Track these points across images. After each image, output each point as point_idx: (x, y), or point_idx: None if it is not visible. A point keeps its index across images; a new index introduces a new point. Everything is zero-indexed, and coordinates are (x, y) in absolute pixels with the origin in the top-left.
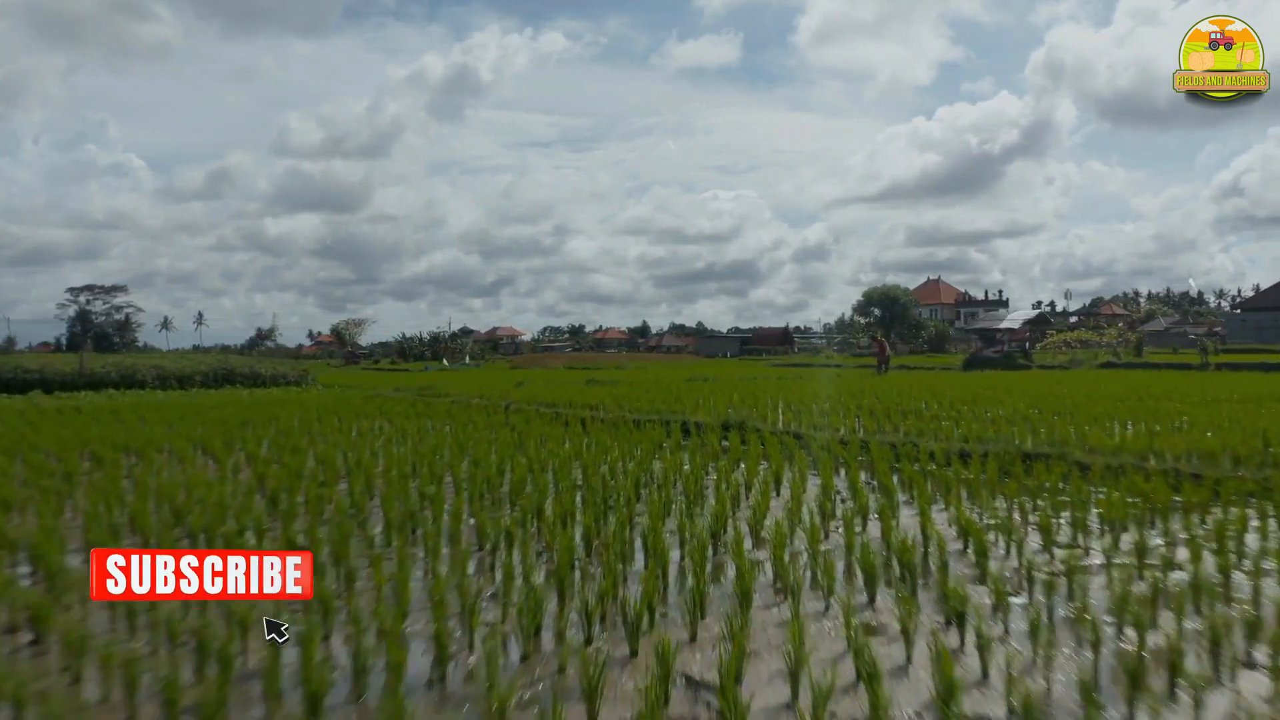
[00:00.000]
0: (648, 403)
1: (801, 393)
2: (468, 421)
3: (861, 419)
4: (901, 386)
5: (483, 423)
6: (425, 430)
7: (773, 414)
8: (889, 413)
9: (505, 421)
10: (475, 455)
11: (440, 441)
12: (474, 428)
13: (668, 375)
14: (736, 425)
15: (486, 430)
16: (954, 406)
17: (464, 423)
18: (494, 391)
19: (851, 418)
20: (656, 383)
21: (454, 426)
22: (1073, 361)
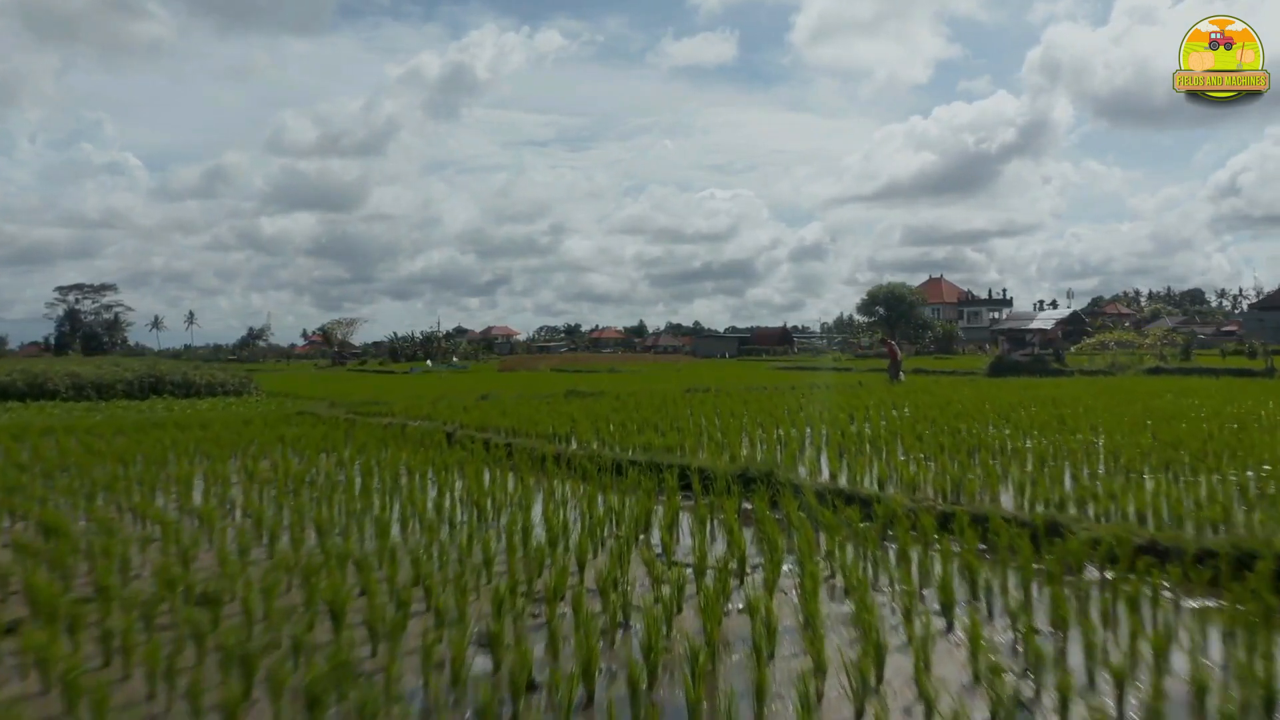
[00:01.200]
0: (636, 426)
1: (825, 409)
2: (379, 463)
3: (936, 460)
4: (943, 399)
5: (392, 463)
6: (299, 482)
7: (806, 451)
8: (968, 449)
9: (430, 471)
10: (319, 588)
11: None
12: (380, 473)
13: (663, 383)
14: (761, 477)
15: (392, 481)
16: (1041, 433)
17: (373, 465)
18: (452, 406)
19: (917, 458)
20: (649, 395)
21: (343, 489)
22: (1114, 366)
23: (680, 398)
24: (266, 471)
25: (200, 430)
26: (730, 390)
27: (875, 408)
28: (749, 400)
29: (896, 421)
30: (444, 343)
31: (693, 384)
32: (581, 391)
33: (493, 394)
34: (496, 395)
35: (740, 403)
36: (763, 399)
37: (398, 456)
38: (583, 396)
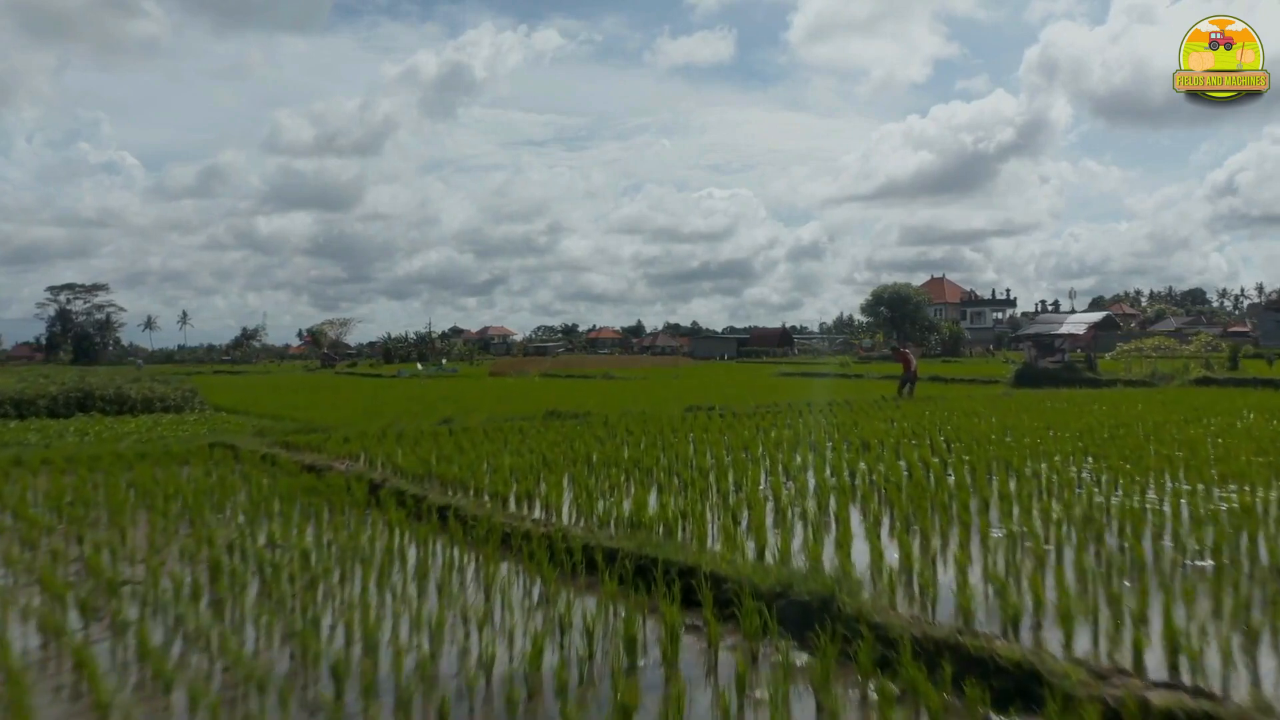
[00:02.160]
0: (625, 470)
1: (856, 439)
2: (243, 550)
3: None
4: (992, 424)
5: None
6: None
7: (859, 530)
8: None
9: (319, 561)
10: None
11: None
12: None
13: (660, 394)
14: (817, 605)
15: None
16: (1171, 465)
17: (221, 560)
18: (403, 436)
19: (1036, 543)
20: (642, 418)
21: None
22: (1155, 376)
23: (679, 421)
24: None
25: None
26: (735, 408)
27: (917, 435)
28: (760, 422)
29: (963, 465)
30: (438, 344)
31: (693, 399)
32: (563, 413)
33: (456, 420)
34: (461, 421)
35: (751, 428)
36: (775, 420)
37: (284, 532)
38: (564, 419)
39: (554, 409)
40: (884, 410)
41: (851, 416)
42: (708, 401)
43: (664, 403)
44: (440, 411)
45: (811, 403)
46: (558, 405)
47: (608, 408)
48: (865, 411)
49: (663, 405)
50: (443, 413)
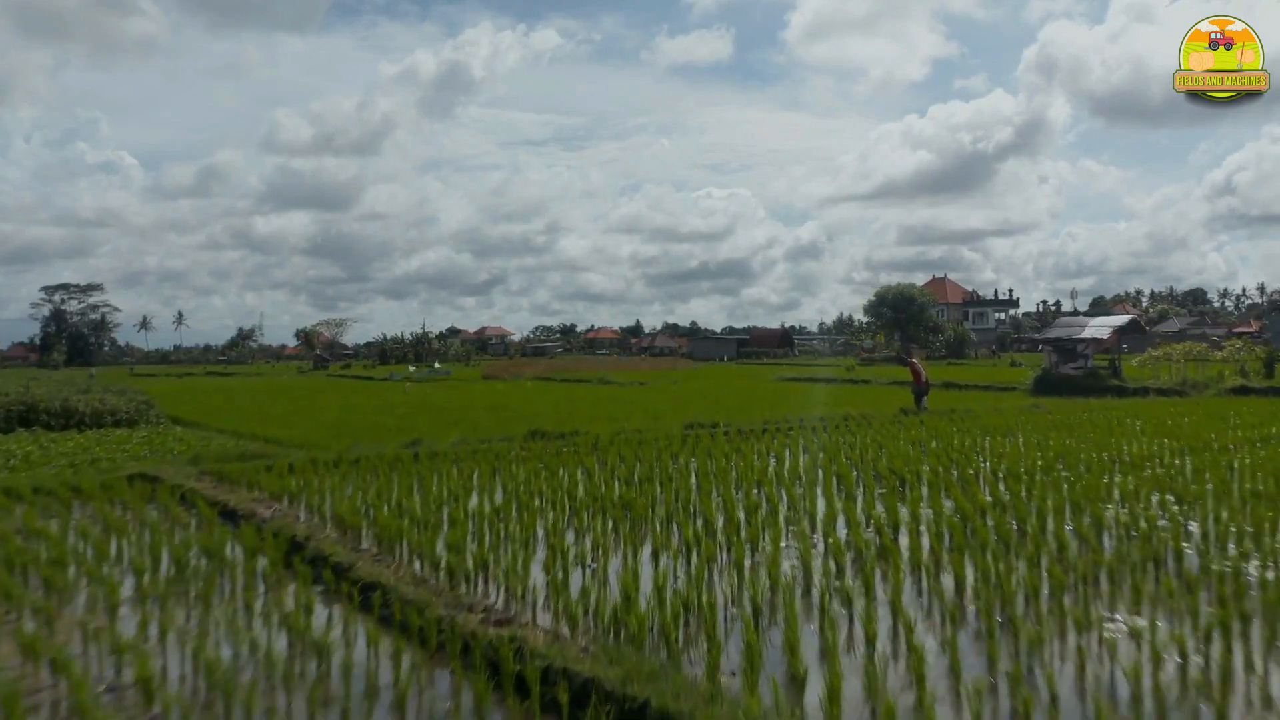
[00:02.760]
0: (611, 512)
1: (899, 478)
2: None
3: None
4: (1071, 452)
5: None
6: None
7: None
8: None
9: None
10: None
11: None
12: None
13: (657, 409)
14: None
15: None
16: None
17: None
18: (359, 469)
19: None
20: (637, 439)
21: None
22: (1186, 384)
23: (678, 443)
24: None
25: None
26: (740, 424)
27: (956, 463)
28: (770, 444)
29: (1028, 511)
30: (435, 344)
31: (693, 412)
32: (548, 433)
33: (426, 442)
34: (430, 444)
35: (761, 452)
36: (787, 441)
37: (141, 631)
38: (549, 439)
39: (538, 428)
40: (906, 428)
41: (872, 436)
42: (709, 417)
43: (661, 417)
44: (415, 427)
45: (824, 418)
46: (545, 421)
47: (599, 423)
48: (885, 430)
49: (660, 420)
50: (417, 429)
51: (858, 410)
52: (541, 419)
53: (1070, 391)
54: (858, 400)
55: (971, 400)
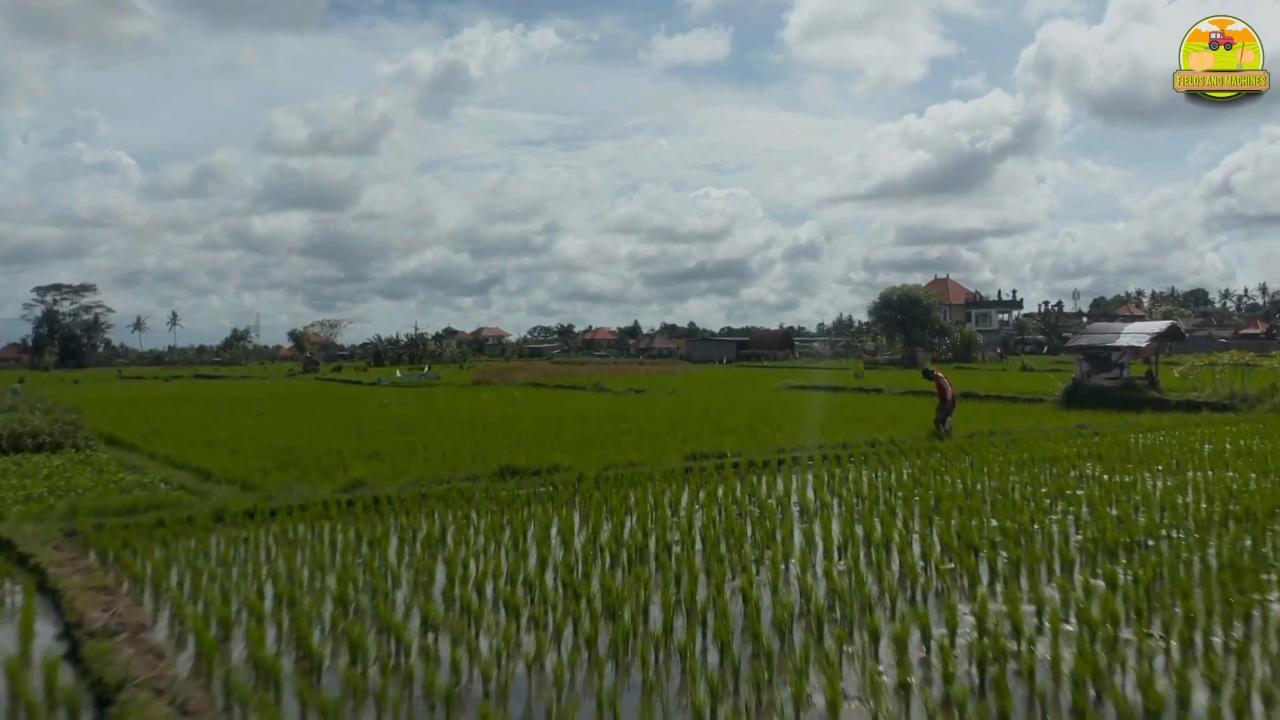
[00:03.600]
0: (587, 616)
1: (971, 552)
2: None
3: None
4: (1169, 502)
5: None
6: None
7: None
8: None
9: None
10: None
11: None
12: None
13: (654, 428)
14: None
15: None
16: None
17: None
18: (280, 514)
19: None
20: (630, 478)
21: None
22: (1235, 396)
23: (678, 486)
24: None
25: None
26: (750, 454)
27: (1034, 516)
28: (792, 486)
29: (1171, 615)
30: (431, 345)
31: (694, 437)
32: (521, 470)
33: (369, 485)
34: (375, 486)
35: (783, 500)
36: (813, 481)
37: None
38: (522, 477)
39: (511, 464)
40: (948, 459)
41: (911, 472)
42: (713, 441)
43: (659, 439)
44: (376, 450)
45: (848, 444)
46: (525, 446)
47: (588, 449)
48: (923, 460)
49: (657, 444)
50: (379, 453)
51: (880, 429)
52: (522, 444)
53: (1105, 404)
54: (874, 414)
55: (998, 415)
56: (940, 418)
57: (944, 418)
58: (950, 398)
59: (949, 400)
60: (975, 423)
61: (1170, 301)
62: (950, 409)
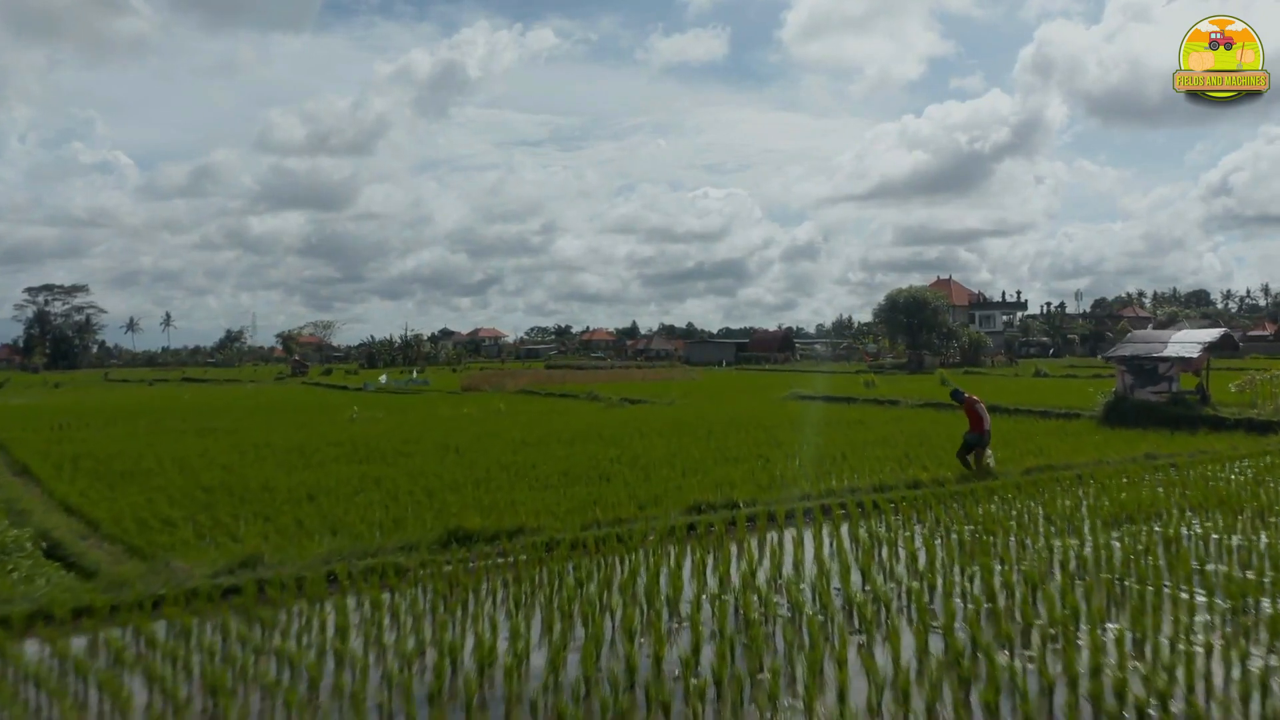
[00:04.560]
0: None
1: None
2: None
3: None
4: None
5: None
6: None
7: None
8: None
9: None
10: None
11: None
12: None
13: (652, 455)
14: None
15: None
16: None
17: None
18: (126, 609)
19: None
20: (614, 534)
21: None
22: None
23: (678, 558)
24: None
25: None
26: (770, 503)
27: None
28: (830, 560)
29: None
30: (425, 347)
31: (697, 474)
32: (474, 535)
33: (269, 564)
34: (275, 567)
35: (825, 589)
36: (855, 555)
37: None
38: (473, 545)
39: (460, 527)
40: (1011, 509)
41: (976, 533)
42: (721, 478)
43: (653, 471)
44: (318, 484)
45: (883, 485)
46: (483, 494)
47: (566, 492)
48: (983, 509)
49: (651, 483)
50: (316, 490)
51: (910, 455)
52: (491, 480)
53: (1153, 422)
54: (897, 434)
55: (1036, 436)
56: (973, 451)
57: (979, 451)
58: (987, 427)
59: (985, 430)
60: (1017, 449)
61: (1172, 302)
62: (986, 440)
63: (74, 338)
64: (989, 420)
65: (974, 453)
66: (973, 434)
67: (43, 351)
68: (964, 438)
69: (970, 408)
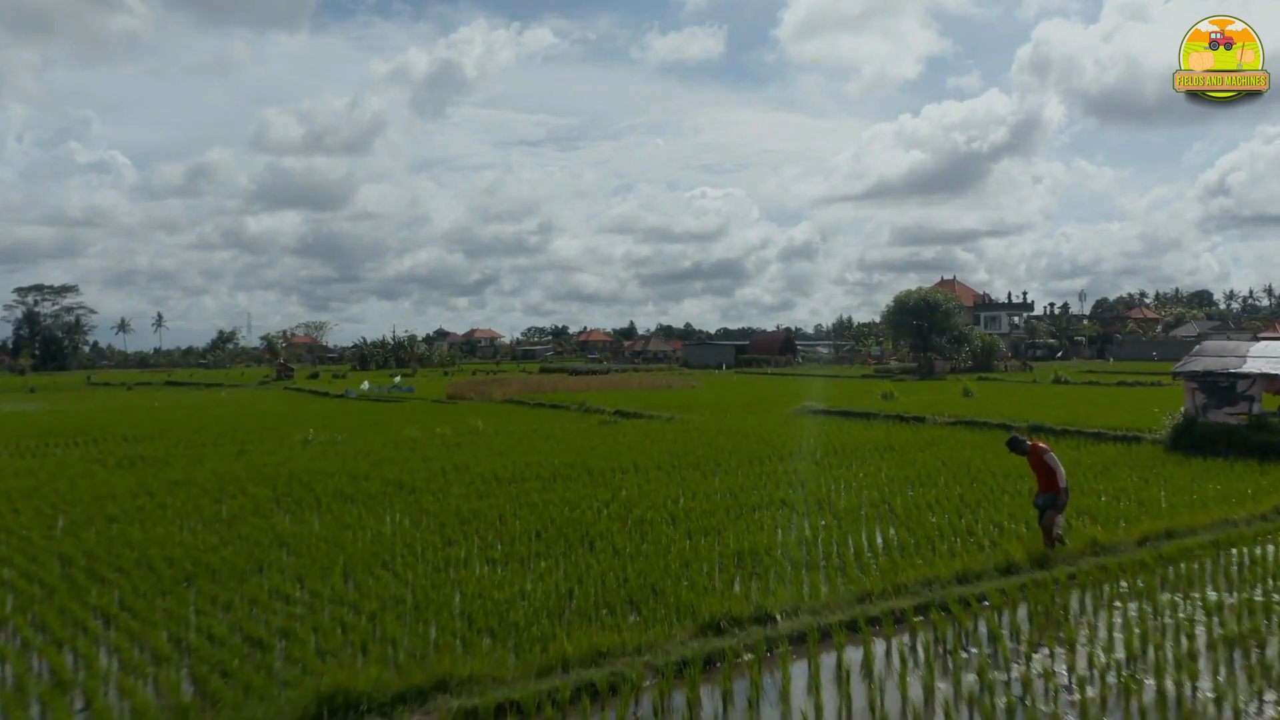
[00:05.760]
0: None
1: None
2: None
3: None
4: None
5: None
6: None
7: None
8: None
9: None
10: None
11: None
12: None
13: (640, 506)
14: None
15: None
16: None
17: None
18: None
19: None
20: (596, 689)
21: None
22: None
23: (692, 683)
24: None
25: None
26: (818, 610)
27: None
28: None
29: None
30: (420, 348)
31: (708, 537)
32: (367, 708)
33: None
34: None
35: None
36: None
37: None
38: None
39: (341, 689)
40: (1173, 623)
41: (1132, 673)
42: (746, 546)
43: (651, 542)
44: (196, 566)
45: (967, 575)
46: (397, 612)
47: (531, 583)
48: (1121, 622)
49: (653, 573)
50: (197, 568)
51: (964, 497)
52: (421, 571)
53: (1231, 450)
54: (937, 468)
55: (1108, 472)
56: (1048, 515)
57: (1054, 515)
58: (1063, 484)
59: (1062, 488)
60: (1103, 495)
61: (1175, 303)
62: (1064, 502)
63: (63, 339)
64: (1064, 474)
65: (1045, 516)
66: (1044, 496)
67: (30, 353)
68: (1035, 502)
69: (1037, 459)
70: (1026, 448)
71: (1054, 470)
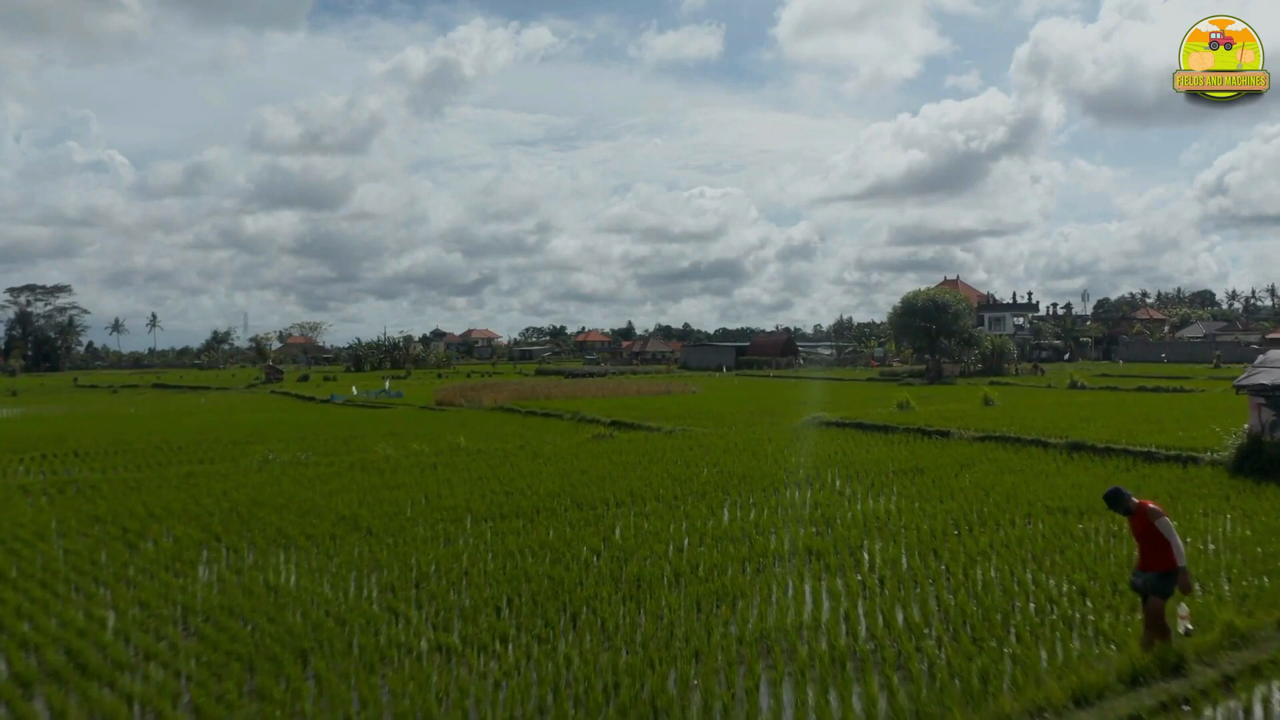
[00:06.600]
0: None
1: None
2: None
3: None
4: None
5: None
6: None
7: None
8: None
9: None
10: None
11: None
12: None
13: (644, 553)
14: None
15: None
16: None
17: None
18: None
19: None
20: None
21: None
22: None
23: None
24: None
25: None
26: None
27: None
28: None
29: None
30: (415, 348)
31: (726, 594)
32: None
33: None
34: None
35: None
36: None
37: None
38: None
39: None
40: None
41: None
42: (771, 636)
43: (653, 610)
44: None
45: (1086, 697)
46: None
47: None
48: None
49: (653, 687)
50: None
51: (1038, 558)
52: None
53: None
54: (977, 496)
55: (1177, 504)
56: (1154, 591)
57: (1160, 602)
58: (1182, 562)
59: (1180, 567)
60: (1236, 577)
61: (1178, 303)
62: (1187, 586)
63: (56, 339)
64: (1182, 548)
65: (1151, 602)
66: (1151, 575)
67: (22, 353)
68: (1133, 583)
69: (1145, 523)
70: (1132, 506)
71: (1169, 543)
